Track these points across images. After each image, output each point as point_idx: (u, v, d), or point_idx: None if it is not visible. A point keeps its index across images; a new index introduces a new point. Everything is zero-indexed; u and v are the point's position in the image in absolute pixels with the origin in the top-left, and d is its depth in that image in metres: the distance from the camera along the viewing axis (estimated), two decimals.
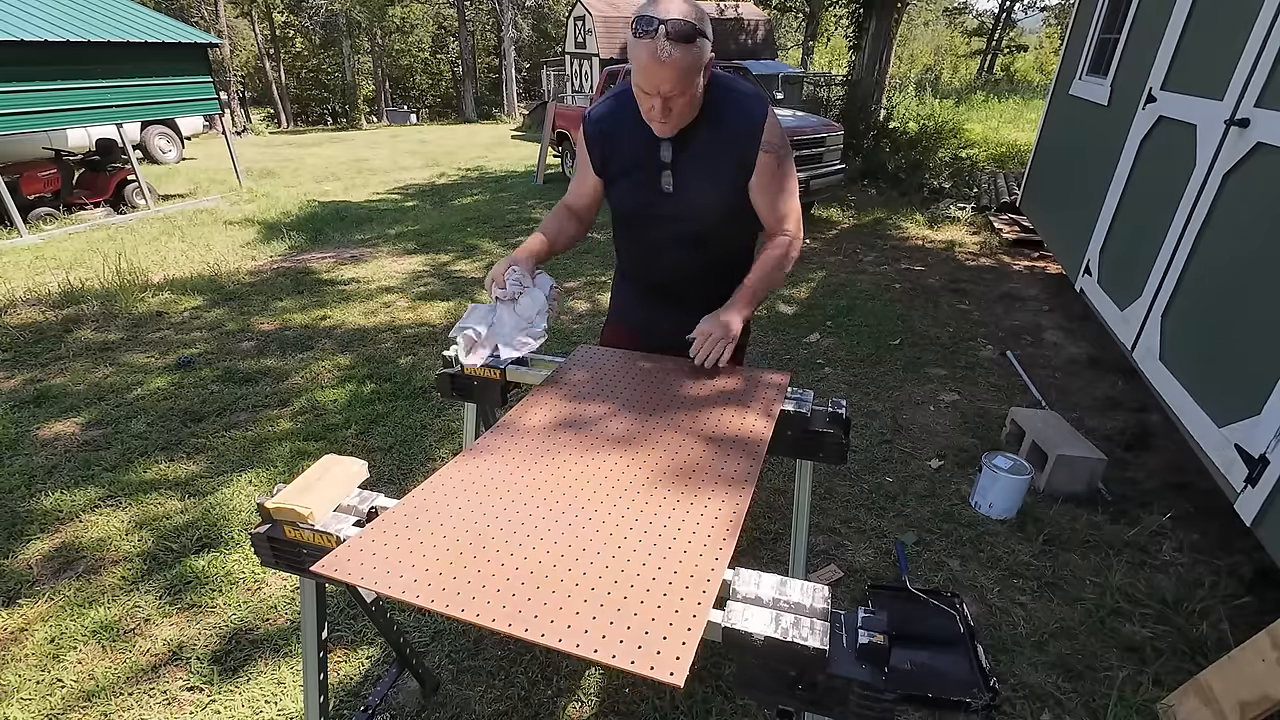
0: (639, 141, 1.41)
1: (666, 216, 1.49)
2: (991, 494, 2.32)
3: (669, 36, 1.19)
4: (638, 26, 1.21)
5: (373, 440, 2.86)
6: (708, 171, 1.42)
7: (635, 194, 1.50)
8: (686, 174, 1.43)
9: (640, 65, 1.24)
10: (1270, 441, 1.81)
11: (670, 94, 1.26)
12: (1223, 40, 2.47)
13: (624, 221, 1.61)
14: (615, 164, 1.48)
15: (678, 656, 0.76)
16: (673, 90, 1.25)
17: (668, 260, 1.59)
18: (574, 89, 18.81)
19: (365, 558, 0.93)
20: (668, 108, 1.28)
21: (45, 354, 3.79)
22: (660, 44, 1.19)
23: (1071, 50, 4.83)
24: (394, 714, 1.67)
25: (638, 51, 1.23)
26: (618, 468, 1.15)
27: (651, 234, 1.57)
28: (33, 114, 6.74)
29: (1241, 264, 2.18)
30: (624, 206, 1.55)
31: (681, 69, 1.22)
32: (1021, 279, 4.86)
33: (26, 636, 1.90)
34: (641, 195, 1.49)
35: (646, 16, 1.20)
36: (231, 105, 23.10)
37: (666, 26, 1.18)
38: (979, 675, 0.83)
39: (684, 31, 1.20)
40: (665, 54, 1.20)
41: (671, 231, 1.52)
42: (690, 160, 1.41)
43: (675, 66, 1.21)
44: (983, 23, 29.45)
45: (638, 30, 1.21)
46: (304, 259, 5.81)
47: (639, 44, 1.22)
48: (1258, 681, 1.42)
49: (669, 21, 1.19)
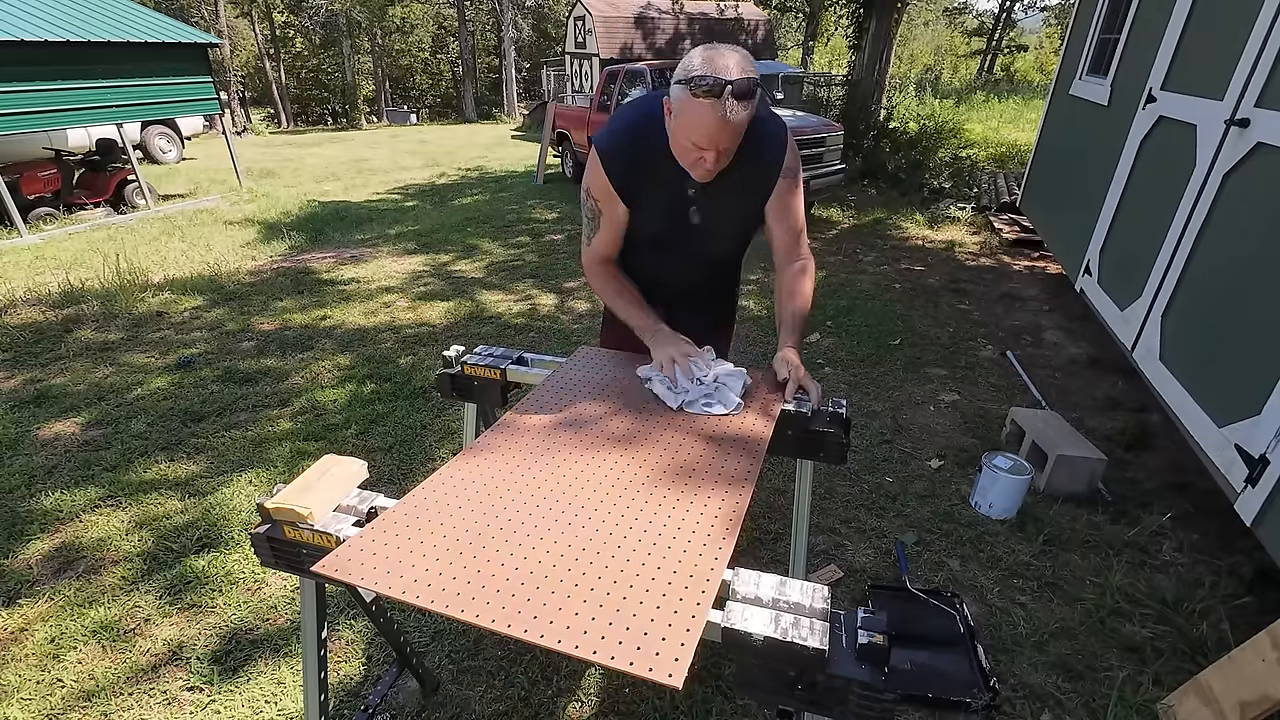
0: (664, 176, 1.38)
1: (690, 243, 1.52)
2: (991, 494, 2.32)
3: (736, 96, 1.16)
4: (698, 85, 1.16)
5: (373, 440, 2.86)
6: (734, 202, 1.43)
7: (661, 225, 1.48)
8: (714, 205, 1.43)
9: (701, 124, 1.20)
10: (1270, 441, 1.81)
11: (727, 149, 1.26)
12: (1223, 40, 2.47)
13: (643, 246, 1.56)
14: (639, 195, 1.43)
15: (676, 658, 0.76)
16: (731, 145, 1.25)
17: (681, 275, 1.62)
18: (574, 89, 18.81)
19: (365, 558, 0.93)
20: (719, 160, 1.27)
21: (45, 354, 3.79)
22: (729, 105, 1.17)
23: (1071, 50, 4.83)
24: (394, 714, 1.67)
25: (699, 111, 1.19)
26: (617, 467, 1.15)
27: (671, 259, 1.57)
28: (33, 114, 6.74)
29: (1242, 264, 2.18)
30: (647, 235, 1.51)
31: (742, 125, 1.22)
32: (1021, 279, 4.86)
33: (27, 636, 1.90)
34: (668, 227, 1.49)
35: (709, 77, 1.16)
36: (231, 105, 23.11)
37: (733, 87, 1.15)
38: (979, 675, 0.83)
39: (749, 90, 1.18)
40: (734, 113, 1.18)
41: (691, 255, 1.56)
42: (718, 191, 1.39)
43: (738, 124, 1.20)
44: (983, 23, 29.44)
45: (698, 89, 1.17)
46: (304, 259, 5.81)
47: (700, 104, 1.18)
48: (1258, 681, 1.42)
49: (735, 82, 1.16)
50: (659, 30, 17.73)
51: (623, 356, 1.58)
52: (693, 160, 1.29)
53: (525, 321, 4.21)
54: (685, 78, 1.19)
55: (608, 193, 1.42)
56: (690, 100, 1.19)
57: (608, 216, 1.45)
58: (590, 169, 1.42)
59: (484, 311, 4.40)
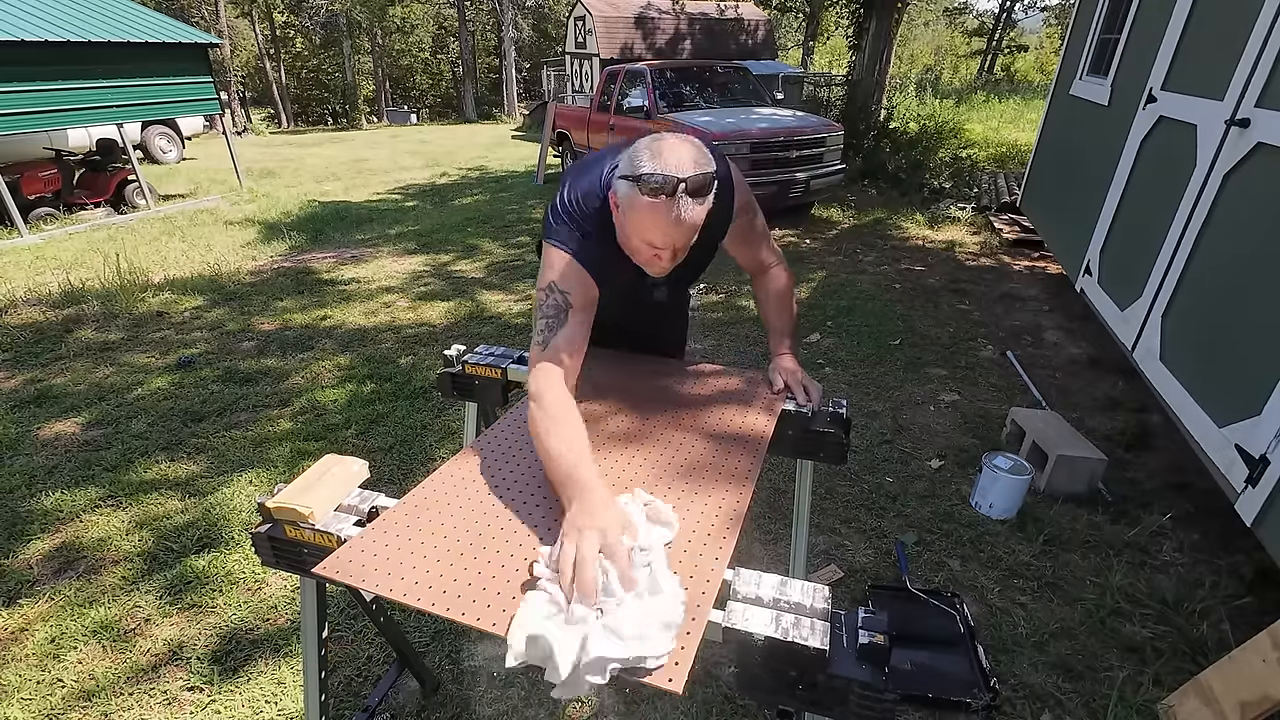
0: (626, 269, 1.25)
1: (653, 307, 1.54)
2: (992, 494, 2.32)
3: (690, 194, 1.05)
4: (648, 184, 1.04)
5: (373, 440, 2.86)
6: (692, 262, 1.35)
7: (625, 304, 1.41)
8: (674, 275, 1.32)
9: (654, 226, 1.08)
10: (1271, 442, 1.80)
11: (685, 246, 1.15)
12: (1223, 40, 2.47)
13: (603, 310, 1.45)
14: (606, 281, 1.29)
15: (676, 662, 0.76)
16: (688, 242, 1.14)
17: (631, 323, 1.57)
18: (574, 89, 18.81)
19: (366, 559, 0.93)
20: (676, 257, 1.17)
21: (46, 354, 3.79)
22: (682, 203, 1.05)
23: (1072, 50, 4.83)
24: (394, 714, 1.67)
25: (648, 212, 1.07)
26: (618, 466, 1.15)
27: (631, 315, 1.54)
28: (33, 114, 6.74)
29: (1242, 264, 2.17)
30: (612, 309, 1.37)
31: (699, 223, 1.10)
32: (1022, 279, 4.86)
33: (27, 636, 1.90)
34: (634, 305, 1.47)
35: (659, 175, 1.03)
36: (232, 105, 23.11)
37: (687, 185, 1.03)
38: (979, 675, 0.83)
39: (705, 185, 1.06)
40: (688, 213, 1.06)
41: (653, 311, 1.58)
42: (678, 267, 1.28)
43: (694, 223, 1.08)
44: (983, 23, 29.44)
45: (648, 189, 1.04)
46: (304, 259, 5.81)
47: (650, 203, 1.05)
48: (1258, 682, 1.42)
49: (688, 180, 1.03)
50: (659, 30, 17.73)
51: (622, 356, 1.58)
52: (646, 259, 1.17)
53: (526, 321, 4.21)
54: (633, 174, 1.06)
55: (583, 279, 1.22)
56: (641, 200, 1.06)
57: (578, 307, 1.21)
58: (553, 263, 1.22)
59: (484, 311, 4.40)
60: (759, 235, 1.45)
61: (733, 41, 18.42)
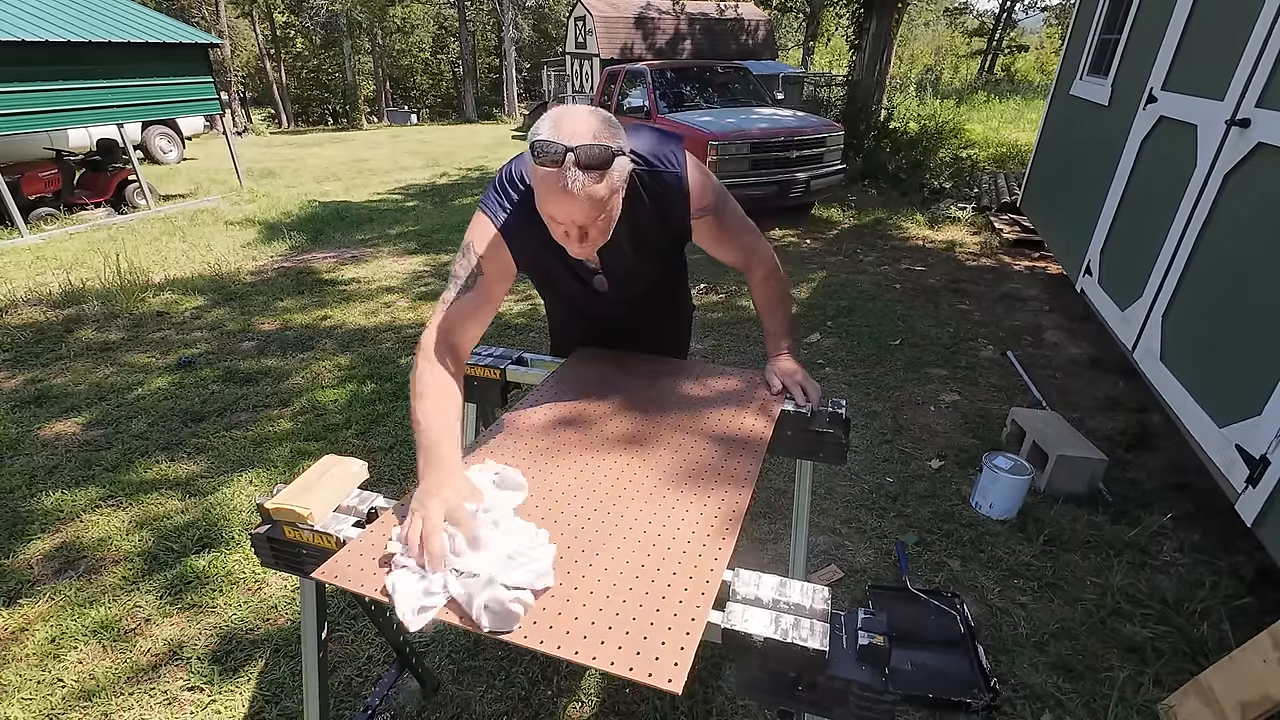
0: (559, 252, 1.21)
1: (604, 301, 1.44)
2: (992, 494, 2.32)
3: (580, 165, 0.99)
4: (538, 151, 1.00)
5: (373, 440, 2.86)
6: (641, 260, 1.32)
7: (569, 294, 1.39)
8: (618, 269, 1.33)
9: (546, 194, 1.04)
10: (1271, 442, 1.80)
11: (585, 224, 1.08)
12: (1223, 40, 2.47)
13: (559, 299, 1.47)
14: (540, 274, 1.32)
15: (676, 662, 0.76)
16: (587, 220, 1.07)
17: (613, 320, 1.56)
18: (574, 89, 18.81)
19: (365, 562, 0.93)
20: (584, 234, 1.10)
21: (46, 354, 3.79)
22: (569, 174, 0.99)
23: (1072, 50, 4.83)
24: (394, 714, 1.67)
25: (541, 181, 1.03)
26: (616, 467, 1.15)
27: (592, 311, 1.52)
28: (34, 114, 6.74)
29: (1242, 264, 2.17)
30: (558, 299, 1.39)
31: (596, 199, 1.03)
32: (1022, 279, 4.86)
33: (27, 636, 1.90)
34: (576, 296, 1.41)
35: (547, 141, 0.99)
36: (232, 105, 23.13)
37: (576, 155, 0.98)
38: (979, 676, 0.83)
39: (598, 158, 1.00)
40: (577, 185, 1.00)
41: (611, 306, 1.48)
42: (619, 256, 1.28)
43: (589, 197, 1.02)
44: (983, 23, 29.44)
45: (538, 155, 1.00)
46: (305, 259, 5.81)
47: (544, 172, 1.01)
48: (1259, 682, 1.41)
49: (578, 149, 0.98)
50: (659, 30, 17.73)
51: (622, 356, 1.58)
52: (558, 236, 1.13)
53: (525, 322, 4.21)
54: (531, 140, 1.03)
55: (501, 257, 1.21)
56: (535, 168, 1.03)
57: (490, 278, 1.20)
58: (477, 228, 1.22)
59: None
60: (733, 233, 1.37)
61: (733, 41, 18.42)
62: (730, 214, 1.35)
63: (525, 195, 1.19)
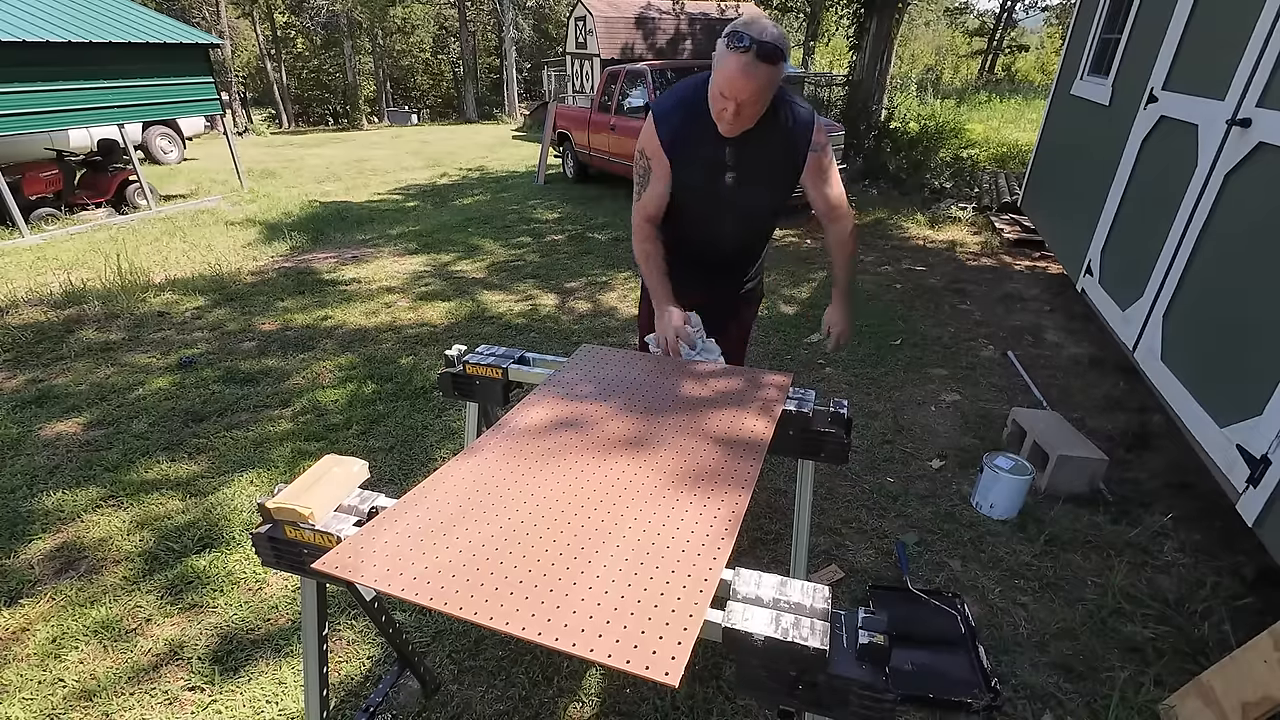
0: (705, 140, 1.56)
1: (726, 205, 1.69)
2: (993, 494, 2.31)
3: (759, 55, 1.35)
4: (732, 40, 1.36)
5: (373, 440, 2.86)
6: (764, 173, 1.63)
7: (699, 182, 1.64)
8: (746, 173, 1.62)
9: (726, 74, 1.39)
10: (1272, 442, 1.80)
11: (745, 102, 1.42)
12: (1224, 40, 2.47)
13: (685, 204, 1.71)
14: (682, 154, 1.60)
15: (673, 657, 0.76)
16: (749, 100, 1.42)
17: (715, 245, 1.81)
18: (575, 89, 18.81)
19: (365, 556, 0.93)
20: (739, 113, 1.45)
21: (47, 354, 3.79)
22: (750, 60, 1.35)
23: (1073, 50, 4.83)
24: (395, 714, 1.67)
25: (727, 61, 1.38)
26: (617, 467, 1.15)
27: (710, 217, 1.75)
28: (35, 114, 6.75)
29: (1243, 264, 2.17)
30: (688, 190, 1.66)
31: (762, 84, 1.40)
32: (1023, 279, 4.85)
33: (28, 636, 1.91)
34: (705, 184, 1.65)
35: (741, 33, 1.35)
36: (233, 106, 23.14)
37: (758, 47, 1.34)
38: (980, 676, 0.83)
39: (772, 53, 1.36)
40: (753, 69, 1.36)
41: (728, 217, 1.73)
42: (749, 161, 1.60)
43: (758, 81, 1.38)
44: (984, 23, 29.42)
45: (731, 43, 1.36)
46: (305, 259, 5.81)
47: (730, 54, 1.37)
48: (1260, 682, 1.41)
49: (761, 43, 1.34)
50: (660, 30, 17.73)
51: (624, 356, 1.58)
52: (719, 110, 1.47)
53: (526, 322, 4.21)
54: (727, 31, 1.38)
55: (657, 150, 1.60)
56: (724, 52, 1.38)
57: (656, 174, 1.63)
58: (644, 131, 1.62)
59: (485, 312, 4.40)
60: (832, 178, 1.68)
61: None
62: (832, 159, 1.68)
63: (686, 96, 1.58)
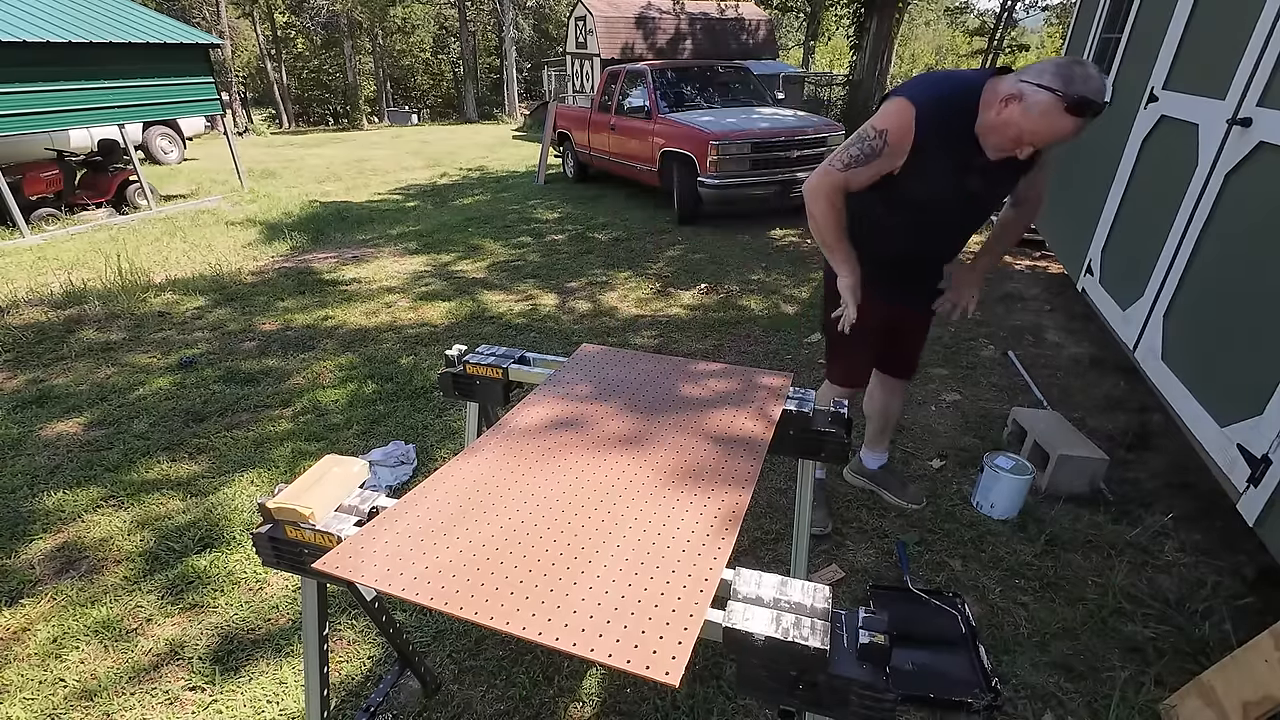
0: (962, 149, 1.55)
1: (960, 211, 1.74)
2: (993, 494, 2.31)
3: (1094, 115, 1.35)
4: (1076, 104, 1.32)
5: (374, 440, 2.86)
6: (1008, 178, 1.67)
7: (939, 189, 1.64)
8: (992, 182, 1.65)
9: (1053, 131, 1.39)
10: (1273, 442, 1.80)
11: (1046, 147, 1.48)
12: (1225, 39, 2.46)
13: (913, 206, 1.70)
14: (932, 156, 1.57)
15: (673, 656, 0.76)
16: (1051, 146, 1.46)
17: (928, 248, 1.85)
18: (575, 89, 18.81)
19: (365, 555, 0.93)
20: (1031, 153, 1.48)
21: (48, 354, 3.79)
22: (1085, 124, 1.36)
23: (1073, 50, 4.82)
24: (395, 714, 1.67)
25: (1061, 124, 1.36)
26: (617, 467, 1.15)
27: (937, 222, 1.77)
28: (35, 115, 6.76)
29: (1244, 263, 2.17)
30: (926, 194, 1.64)
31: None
32: (1023, 279, 4.85)
33: (29, 636, 1.91)
34: (946, 192, 1.65)
35: (1092, 100, 1.32)
36: (233, 106, 23.14)
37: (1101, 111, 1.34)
38: (980, 676, 0.83)
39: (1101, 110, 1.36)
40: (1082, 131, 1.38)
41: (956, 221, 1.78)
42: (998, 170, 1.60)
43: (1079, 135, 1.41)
44: (984, 22, 29.36)
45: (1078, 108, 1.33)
46: (306, 259, 5.81)
47: (1069, 119, 1.35)
48: (1261, 682, 1.41)
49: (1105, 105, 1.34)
50: (660, 30, 17.72)
51: (624, 356, 1.58)
52: (1009, 147, 1.48)
53: (527, 322, 4.21)
54: (1061, 90, 1.33)
55: (902, 143, 1.55)
56: (1057, 111, 1.34)
57: (885, 159, 1.58)
58: (895, 115, 1.55)
59: (485, 311, 4.40)
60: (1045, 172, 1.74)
61: (733, 41, 18.40)
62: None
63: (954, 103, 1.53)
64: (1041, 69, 1.39)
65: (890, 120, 1.55)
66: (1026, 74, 1.42)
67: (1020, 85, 1.41)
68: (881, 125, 1.57)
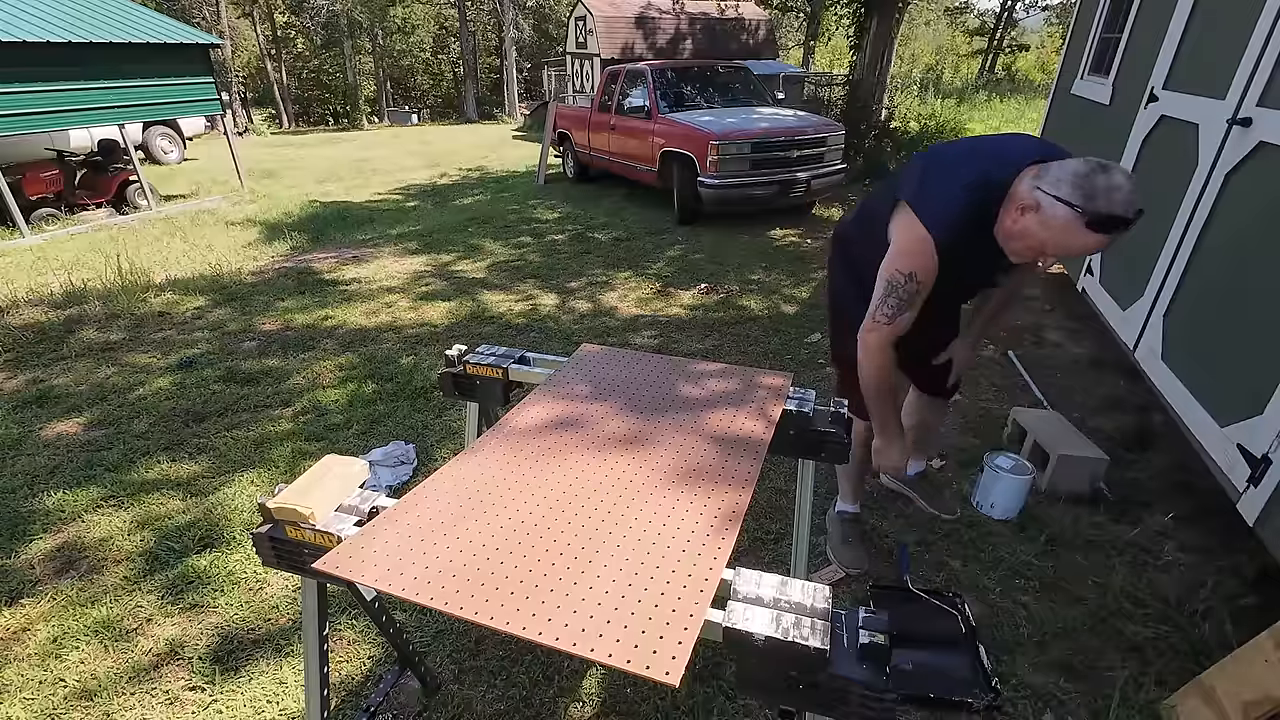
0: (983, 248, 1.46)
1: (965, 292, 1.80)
2: (993, 494, 2.31)
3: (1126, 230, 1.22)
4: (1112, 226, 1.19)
5: (374, 440, 2.86)
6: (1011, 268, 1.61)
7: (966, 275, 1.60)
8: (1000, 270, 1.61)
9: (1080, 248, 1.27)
10: (1273, 442, 1.80)
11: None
12: (1225, 39, 2.47)
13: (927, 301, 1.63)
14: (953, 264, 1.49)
15: (673, 656, 0.76)
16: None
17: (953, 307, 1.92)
18: (575, 89, 18.81)
19: (365, 555, 0.93)
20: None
21: (48, 354, 3.79)
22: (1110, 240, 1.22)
23: (1073, 50, 4.82)
24: (395, 714, 1.67)
25: (1083, 239, 1.23)
26: (617, 467, 1.15)
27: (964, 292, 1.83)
28: (35, 115, 6.76)
29: (1244, 263, 2.17)
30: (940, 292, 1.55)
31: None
32: None
33: (29, 635, 1.91)
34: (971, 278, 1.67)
35: (1118, 219, 1.18)
36: (233, 106, 23.13)
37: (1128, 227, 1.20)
38: (981, 675, 0.83)
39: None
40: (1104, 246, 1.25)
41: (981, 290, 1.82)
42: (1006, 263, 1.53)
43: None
44: (984, 22, 29.39)
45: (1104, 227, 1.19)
46: (306, 259, 5.81)
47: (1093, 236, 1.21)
48: (1261, 682, 1.41)
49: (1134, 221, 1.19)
50: (660, 30, 17.71)
51: (624, 356, 1.58)
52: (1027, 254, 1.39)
53: (527, 321, 4.21)
54: (1080, 205, 1.19)
55: (931, 277, 1.48)
56: (1077, 227, 1.21)
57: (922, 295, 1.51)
58: (919, 255, 1.46)
59: (486, 311, 4.40)
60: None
61: (734, 41, 18.40)
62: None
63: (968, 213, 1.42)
64: (1060, 175, 1.24)
65: (916, 262, 1.47)
66: (1045, 178, 1.27)
67: (1037, 194, 1.27)
68: (908, 268, 1.48)
